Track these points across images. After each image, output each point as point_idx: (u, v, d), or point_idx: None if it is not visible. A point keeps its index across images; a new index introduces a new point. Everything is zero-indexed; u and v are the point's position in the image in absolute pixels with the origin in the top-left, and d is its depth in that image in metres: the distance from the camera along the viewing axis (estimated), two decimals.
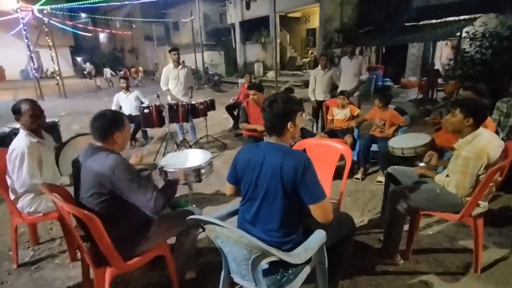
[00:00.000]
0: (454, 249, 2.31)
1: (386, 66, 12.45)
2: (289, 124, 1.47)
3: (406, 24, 10.19)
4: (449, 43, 12.14)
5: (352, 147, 3.68)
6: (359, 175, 3.60)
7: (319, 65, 5.09)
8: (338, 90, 4.67)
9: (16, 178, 2.09)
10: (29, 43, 11.96)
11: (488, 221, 2.16)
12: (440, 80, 8.90)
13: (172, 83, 4.87)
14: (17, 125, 3.08)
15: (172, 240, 1.95)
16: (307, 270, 1.50)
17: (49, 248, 2.50)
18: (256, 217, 1.49)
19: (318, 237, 1.45)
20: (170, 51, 4.85)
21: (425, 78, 9.36)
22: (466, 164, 1.83)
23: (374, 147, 3.62)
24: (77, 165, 1.61)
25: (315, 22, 14.36)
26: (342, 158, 2.30)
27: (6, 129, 3.11)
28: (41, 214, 2.18)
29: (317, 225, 1.47)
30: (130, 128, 1.80)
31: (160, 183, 2.07)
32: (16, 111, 2.14)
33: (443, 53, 12.64)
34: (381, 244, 2.30)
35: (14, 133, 2.85)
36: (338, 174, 2.31)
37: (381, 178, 3.42)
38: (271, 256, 1.29)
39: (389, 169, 2.51)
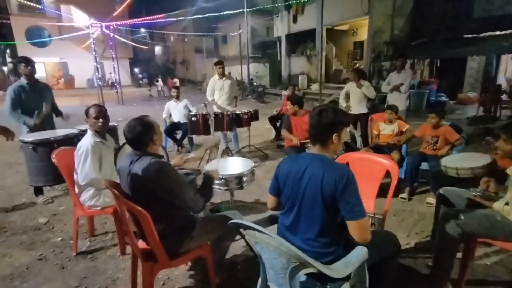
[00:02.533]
0: None
1: (440, 81, 11.64)
2: (334, 136, 1.47)
3: (465, 35, 9.48)
4: None
5: (399, 164, 3.49)
6: (405, 195, 3.39)
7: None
8: (386, 105, 4.57)
9: (80, 172, 2.35)
10: (96, 55, 13.40)
11: None
12: (504, 97, 8.09)
13: (217, 94, 5.11)
14: (83, 127, 3.49)
15: None
16: (346, 287, 1.45)
17: (103, 240, 2.74)
18: (295, 225, 1.49)
19: (360, 253, 1.40)
20: (215, 64, 5.10)
21: (487, 94, 8.57)
22: None
23: (424, 166, 3.40)
24: (124, 170, 1.71)
25: (363, 34, 14.04)
26: (387, 175, 2.21)
27: (75, 131, 3.49)
28: (99, 208, 2.42)
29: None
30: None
31: None
32: (86, 113, 2.46)
33: (508, 68, 11.49)
34: (429, 270, 2.14)
35: (81, 134, 3.20)
36: (382, 191, 2.21)
37: (431, 199, 3.19)
38: (310, 268, 1.28)
39: (441, 190, 2.33)
